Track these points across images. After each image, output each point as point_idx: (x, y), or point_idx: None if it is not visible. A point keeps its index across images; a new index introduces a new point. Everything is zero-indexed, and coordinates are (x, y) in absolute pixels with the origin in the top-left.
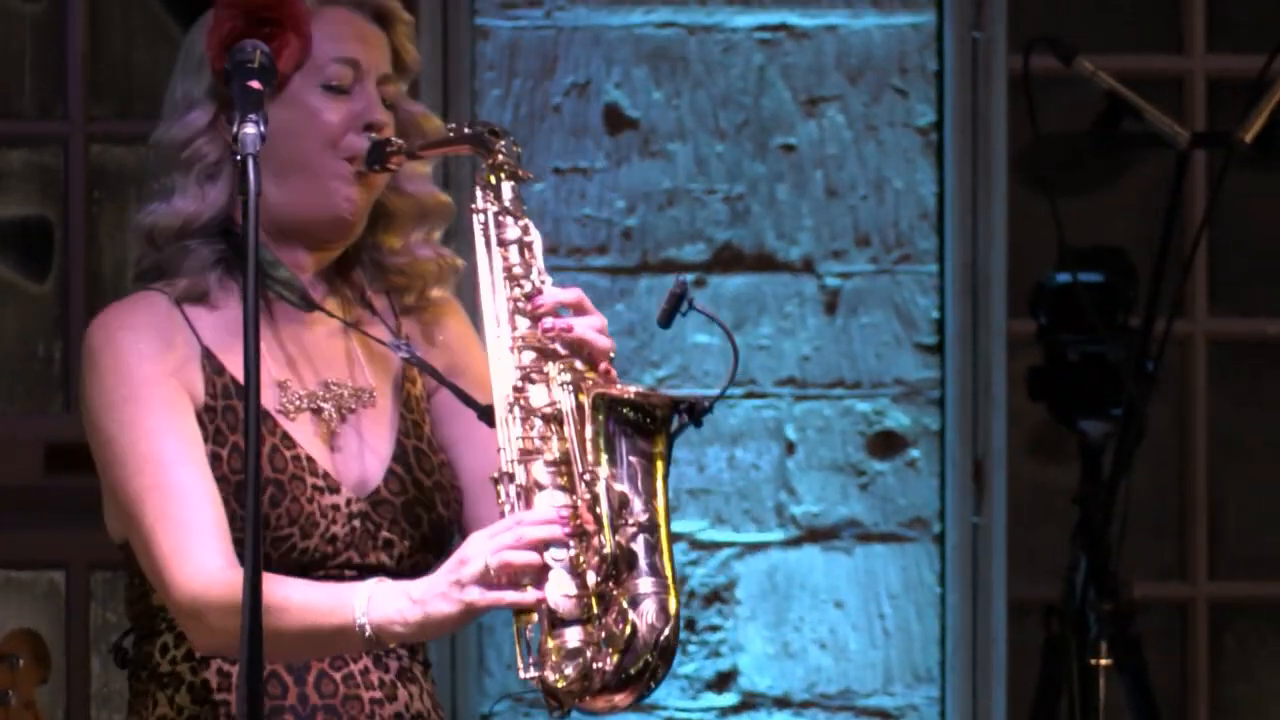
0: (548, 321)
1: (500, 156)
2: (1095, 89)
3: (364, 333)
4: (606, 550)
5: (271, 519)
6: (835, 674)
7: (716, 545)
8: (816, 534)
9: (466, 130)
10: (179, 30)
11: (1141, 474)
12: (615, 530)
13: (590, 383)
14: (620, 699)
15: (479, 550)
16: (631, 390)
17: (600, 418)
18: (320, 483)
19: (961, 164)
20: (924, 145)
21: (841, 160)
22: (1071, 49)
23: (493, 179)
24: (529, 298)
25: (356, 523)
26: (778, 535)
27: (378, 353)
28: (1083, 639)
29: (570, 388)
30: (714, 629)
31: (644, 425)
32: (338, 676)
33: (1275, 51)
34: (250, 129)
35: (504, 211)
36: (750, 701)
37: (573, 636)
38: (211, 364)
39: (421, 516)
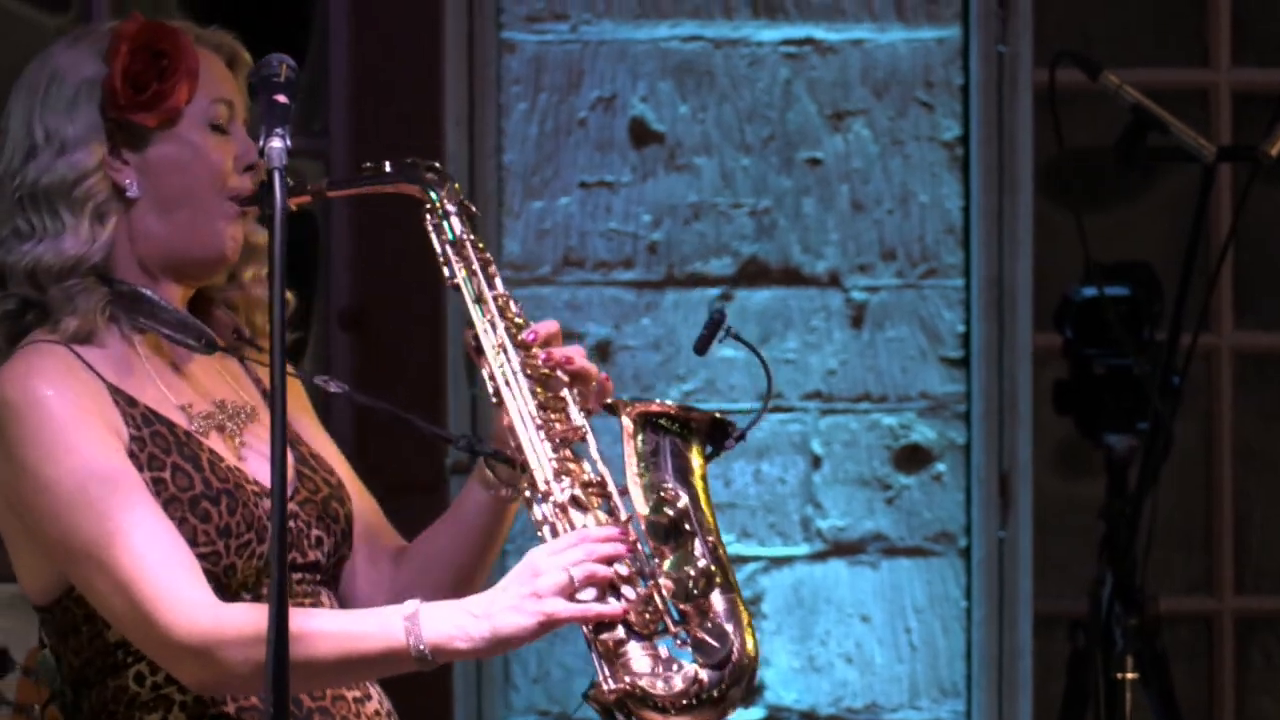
0: (542, 352)
1: (446, 201)
2: (1121, 103)
3: (298, 374)
4: (701, 564)
5: (233, 526)
6: (861, 688)
7: (743, 559)
8: (842, 548)
9: (388, 169)
10: None
11: (1167, 488)
12: (697, 546)
13: (631, 407)
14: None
15: (551, 564)
16: (671, 406)
17: (640, 436)
18: (256, 488)
19: (987, 178)
20: (949, 159)
21: (867, 174)
22: (1097, 63)
23: (442, 210)
24: (519, 328)
25: (292, 523)
26: (804, 549)
27: (245, 373)
28: (1108, 653)
29: (584, 413)
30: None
31: (685, 438)
32: None
33: None
34: (277, 143)
35: (472, 243)
36: (776, 715)
37: (641, 652)
38: (122, 398)
39: (337, 511)
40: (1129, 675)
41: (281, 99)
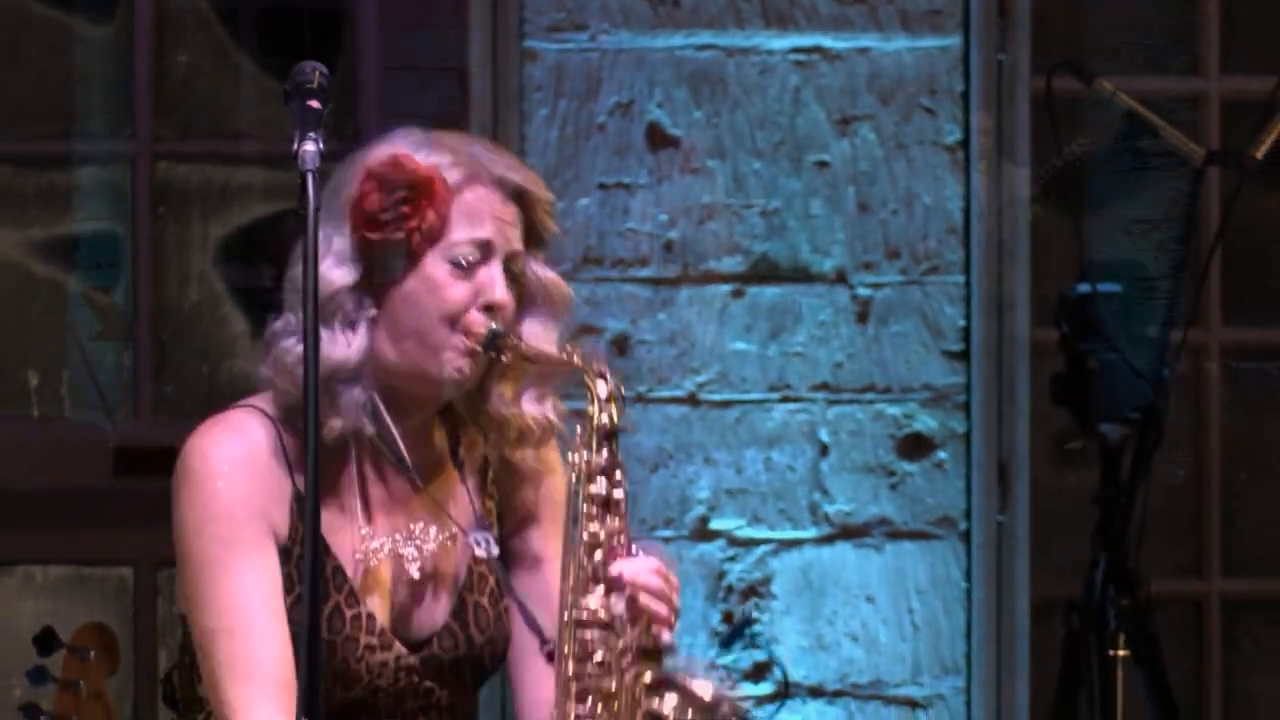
0: (622, 569)
1: (600, 407)
2: (1115, 109)
3: (453, 522)
4: None
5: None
6: (866, 665)
7: (753, 542)
8: (849, 532)
9: (578, 359)
10: (241, 53)
11: (1158, 476)
12: None
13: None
14: None
15: None
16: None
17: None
18: (374, 640)
19: (987, 180)
20: (951, 162)
21: (873, 177)
22: (1092, 71)
23: (593, 438)
24: (605, 561)
25: (402, 675)
26: (812, 533)
27: (459, 497)
28: (1102, 633)
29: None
30: (751, 622)
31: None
32: None
33: None
34: (310, 147)
35: (602, 471)
36: (785, 691)
37: None
38: (300, 508)
39: (465, 671)
40: (1121, 652)
41: (314, 104)
